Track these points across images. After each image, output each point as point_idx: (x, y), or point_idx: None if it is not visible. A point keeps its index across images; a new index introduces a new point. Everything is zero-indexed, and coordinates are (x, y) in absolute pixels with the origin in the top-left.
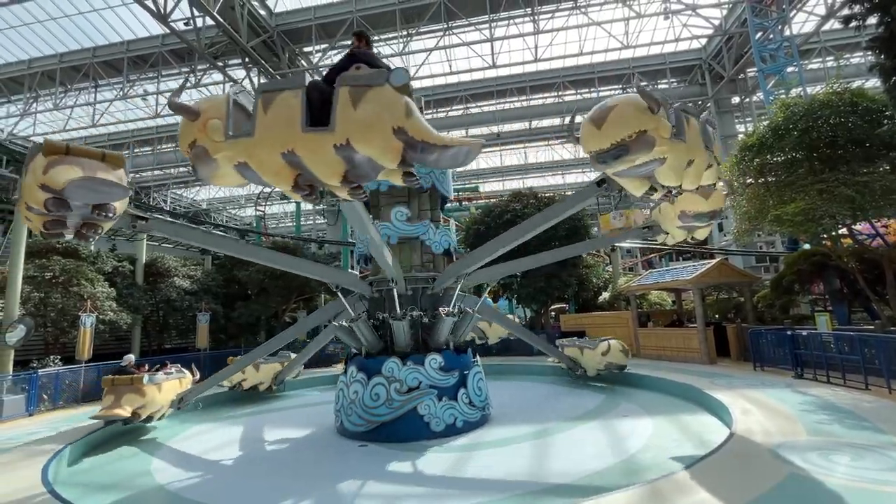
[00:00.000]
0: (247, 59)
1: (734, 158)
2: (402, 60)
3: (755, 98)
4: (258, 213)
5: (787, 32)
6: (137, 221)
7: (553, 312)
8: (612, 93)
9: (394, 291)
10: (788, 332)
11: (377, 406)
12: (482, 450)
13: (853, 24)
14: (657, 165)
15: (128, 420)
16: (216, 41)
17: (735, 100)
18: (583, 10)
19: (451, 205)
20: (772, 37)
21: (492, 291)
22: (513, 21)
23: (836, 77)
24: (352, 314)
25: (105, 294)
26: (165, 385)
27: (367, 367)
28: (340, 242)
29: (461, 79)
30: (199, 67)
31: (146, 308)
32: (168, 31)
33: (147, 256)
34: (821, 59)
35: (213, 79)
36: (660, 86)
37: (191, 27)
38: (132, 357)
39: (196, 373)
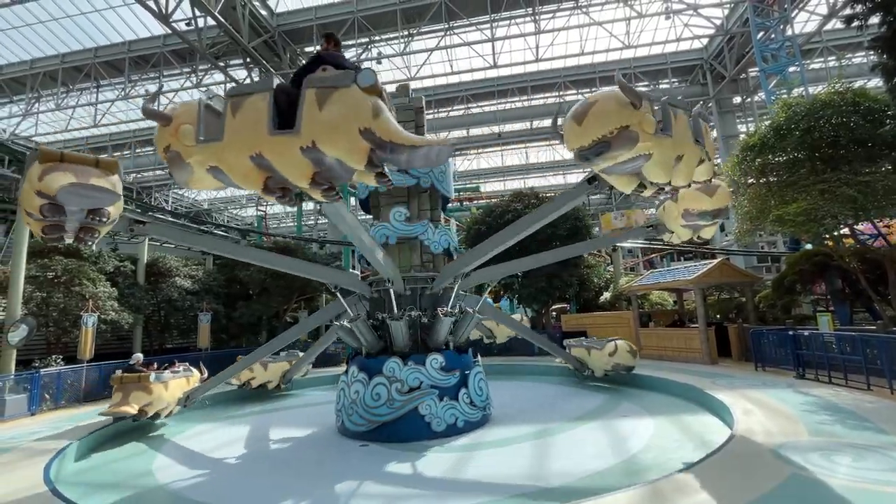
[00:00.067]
0: (248, 60)
1: (736, 158)
2: (404, 60)
3: (757, 98)
4: (259, 213)
5: (789, 32)
6: (135, 225)
7: (554, 312)
8: None
9: (390, 291)
10: (790, 333)
11: (378, 406)
12: (483, 450)
13: (855, 24)
14: (643, 162)
15: (136, 417)
16: (217, 41)
17: (737, 100)
18: (584, 10)
19: (453, 205)
20: (773, 36)
21: (493, 292)
22: (514, 21)
23: (838, 77)
24: (351, 314)
25: (107, 294)
26: (172, 383)
27: (369, 367)
28: (342, 242)
29: (462, 79)
30: (201, 68)
31: (148, 308)
32: (169, 32)
33: (149, 256)
34: (823, 59)
35: (215, 79)
36: (661, 85)
37: (192, 27)
38: (140, 356)
39: (204, 371)
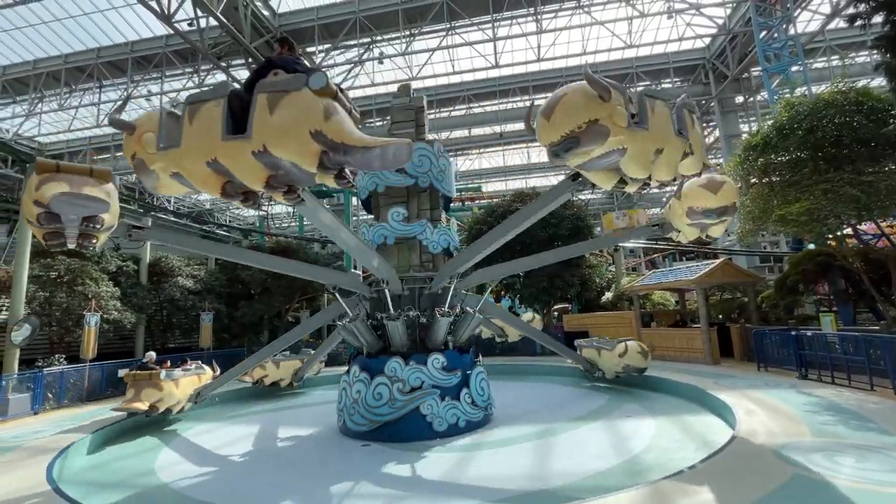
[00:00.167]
0: (250, 60)
1: (738, 158)
2: (405, 60)
3: (759, 97)
4: (261, 214)
5: (792, 31)
6: (133, 230)
7: (556, 312)
8: None
9: (386, 292)
10: (793, 333)
11: (380, 406)
12: (484, 450)
13: (858, 23)
14: (618, 156)
15: (147, 413)
16: (219, 41)
17: (739, 99)
18: (586, 10)
19: (454, 205)
20: (776, 36)
21: (494, 292)
22: (516, 21)
23: (841, 76)
24: (350, 314)
25: (109, 293)
26: (183, 381)
27: (370, 367)
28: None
29: (464, 79)
30: (203, 68)
31: (150, 307)
32: (172, 32)
33: (151, 256)
34: (826, 58)
35: (217, 79)
36: (663, 85)
37: (194, 28)
38: (153, 354)
39: (216, 369)
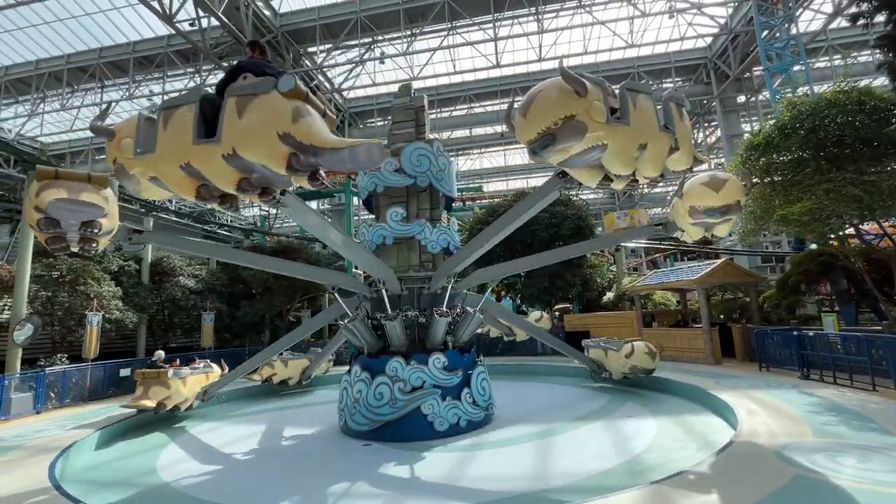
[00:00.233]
0: None
1: (739, 158)
2: (407, 60)
3: (761, 97)
4: (263, 213)
5: (794, 31)
6: (133, 234)
7: (557, 312)
8: None
9: (382, 292)
10: (794, 333)
11: (381, 405)
12: (485, 449)
13: (861, 22)
14: (599, 153)
15: (155, 410)
16: (221, 41)
17: (741, 99)
18: (587, 9)
19: (455, 204)
20: (778, 35)
21: (495, 291)
22: (517, 20)
23: (844, 75)
24: (350, 315)
25: (111, 293)
26: (190, 379)
27: (371, 367)
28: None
29: (465, 78)
30: (205, 68)
31: (152, 307)
32: (173, 32)
33: (153, 256)
34: (828, 58)
35: (219, 79)
36: (665, 85)
37: (196, 28)
38: (162, 353)
39: (225, 367)
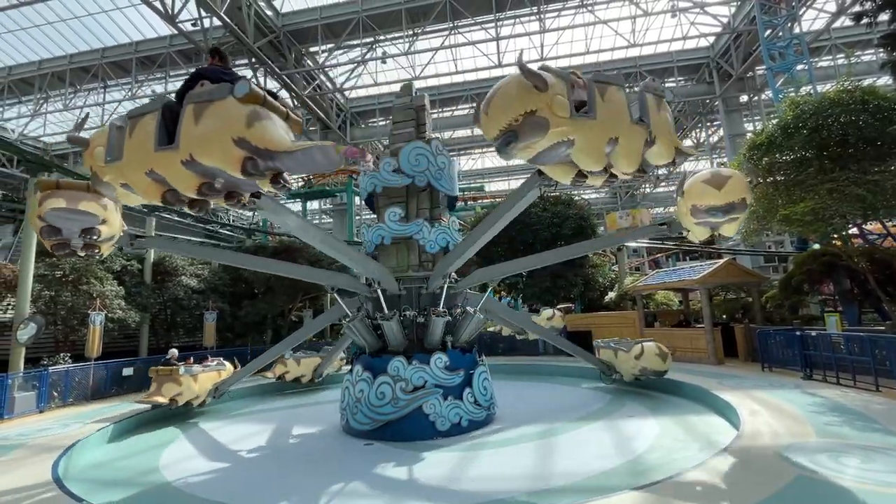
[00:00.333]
0: (253, 60)
1: (742, 157)
2: (408, 60)
3: (764, 96)
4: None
5: (797, 30)
6: (135, 240)
7: (559, 312)
8: None
9: (379, 291)
10: (797, 333)
11: (383, 405)
12: (487, 449)
13: (864, 21)
14: (567, 148)
15: (168, 405)
16: (223, 41)
17: (743, 98)
18: (589, 9)
19: (457, 204)
20: (781, 34)
21: (497, 291)
22: (519, 20)
23: (847, 74)
24: (350, 315)
25: (114, 292)
26: (202, 376)
27: (373, 366)
28: (345, 242)
29: (467, 78)
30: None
31: (154, 306)
32: (176, 32)
33: (155, 255)
34: (831, 57)
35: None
36: (667, 84)
37: (198, 28)
38: (175, 351)
39: (237, 365)
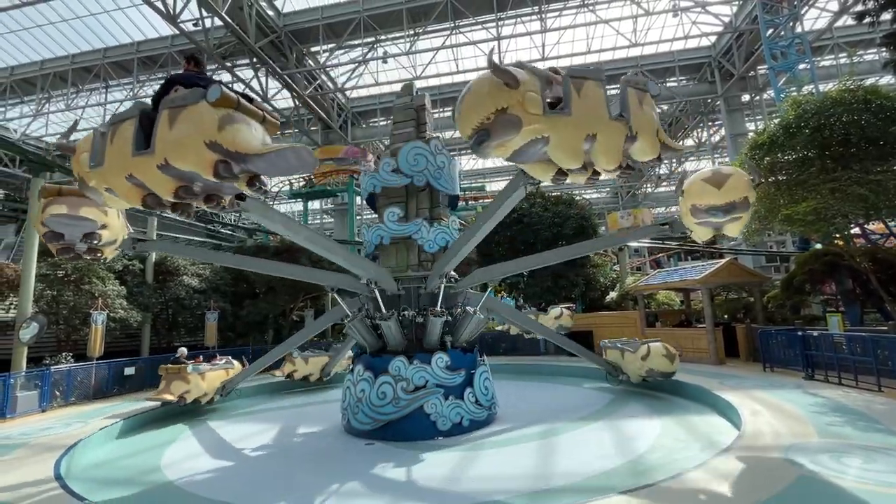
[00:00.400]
0: (255, 60)
1: (744, 157)
2: (409, 59)
3: (766, 96)
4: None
5: (799, 29)
6: (137, 243)
7: None
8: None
9: (376, 291)
10: (799, 333)
11: (384, 405)
12: (488, 449)
13: (867, 21)
14: (543, 146)
15: (177, 402)
16: (224, 41)
17: (745, 98)
18: (590, 8)
19: (459, 203)
20: (783, 34)
21: (498, 291)
22: (520, 20)
23: (849, 74)
24: (350, 314)
25: (116, 292)
26: (209, 375)
27: (374, 366)
28: (347, 242)
29: (468, 78)
30: (208, 68)
31: (156, 306)
32: (177, 32)
33: (157, 255)
34: (833, 56)
35: (222, 79)
36: (669, 83)
37: (199, 28)
38: (184, 350)
39: (246, 364)
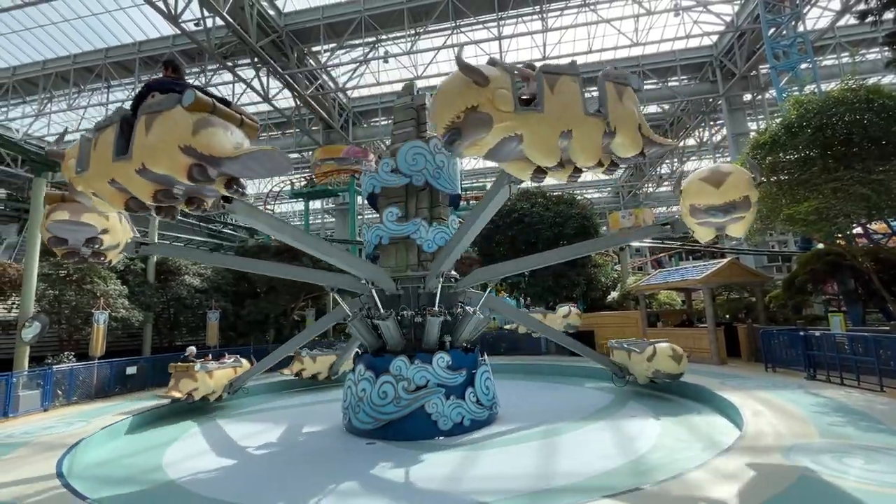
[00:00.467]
0: (256, 59)
1: (745, 156)
2: (410, 59)
3: (768, 95)
4: (267, 212)
5: (801, 28)
6: (140, 246)
7: None
8: None
9: (373, 291)
10: (801, 333)
11: (385, 404)
12: (489, 449)
13: (869, 20)
14: (517, 143)
15: (186, 399)
16: (226, 41)
17: (747, 97)
18: (592, 8)
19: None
20: (785, 33)
21: (499, 291)
22: (521, 19)
23: (852, 73)
24: (350, 314)
25: (117, 292)
26: (217, 373)
27: (375, 366)
28: (348, 241)
29: None
30: (210, 67)
31: (157, 306)
32: (179, 32)
33: (158, 255)
34: (835, 56)
35: (224, 79)
36: (670, 83)
37: (201, 28)
38: (193, 349)
39: (254, 362)
